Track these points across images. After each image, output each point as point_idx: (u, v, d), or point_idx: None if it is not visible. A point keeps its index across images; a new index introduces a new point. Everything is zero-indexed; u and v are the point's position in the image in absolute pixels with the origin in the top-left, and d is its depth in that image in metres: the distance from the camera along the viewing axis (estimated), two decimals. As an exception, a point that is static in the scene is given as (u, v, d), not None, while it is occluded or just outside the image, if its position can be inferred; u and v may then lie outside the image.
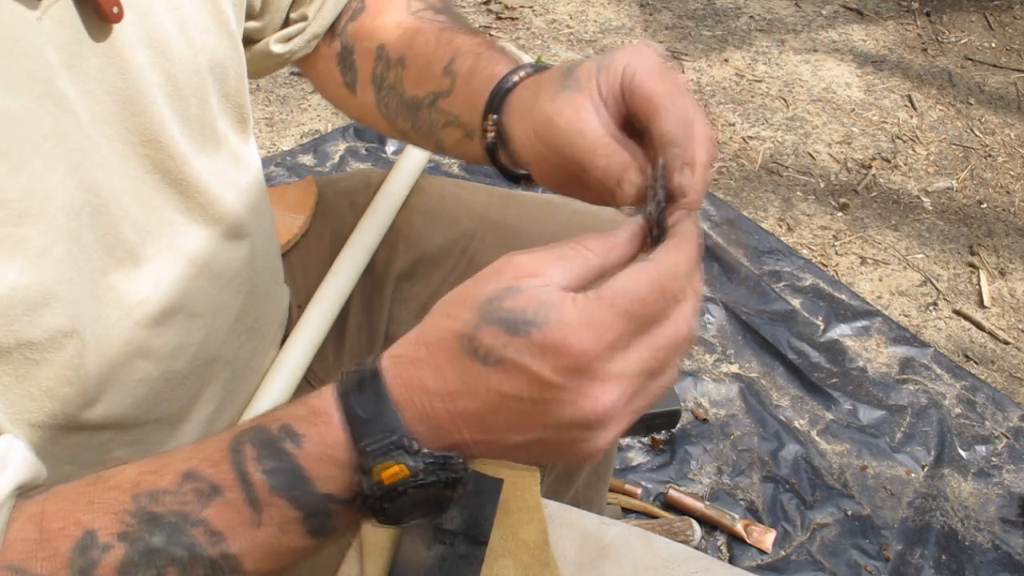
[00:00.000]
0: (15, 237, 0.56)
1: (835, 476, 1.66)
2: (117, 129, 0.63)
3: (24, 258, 0.56)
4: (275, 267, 0.84)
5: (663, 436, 1.68)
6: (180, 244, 0.70)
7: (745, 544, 1.54)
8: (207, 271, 0.73)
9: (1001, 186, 2.29)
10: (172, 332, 0.70)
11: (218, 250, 0.73)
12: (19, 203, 0.56)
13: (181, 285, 0.70)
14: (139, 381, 0.68)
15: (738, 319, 1.88)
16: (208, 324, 0.74)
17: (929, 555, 1.55)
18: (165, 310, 0.69)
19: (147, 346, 0.68)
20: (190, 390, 0.74)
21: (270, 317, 0.83)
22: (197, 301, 0.72)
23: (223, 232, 0.74)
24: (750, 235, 2.07)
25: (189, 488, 0.51)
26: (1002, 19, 2.83)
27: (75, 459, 0.65)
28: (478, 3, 2.70)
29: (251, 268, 0.79)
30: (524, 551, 0.69)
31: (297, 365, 0.83)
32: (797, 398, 1.78)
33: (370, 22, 0.85)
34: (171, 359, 0.70)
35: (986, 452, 1.72)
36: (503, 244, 0.96)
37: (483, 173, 2.13)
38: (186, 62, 0.67)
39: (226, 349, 0.76)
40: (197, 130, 0.70)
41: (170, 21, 0.66)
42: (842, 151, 2.35)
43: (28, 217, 0.56)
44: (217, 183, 0.73)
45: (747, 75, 2.55)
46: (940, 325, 1.95)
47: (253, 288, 0.80)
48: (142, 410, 0.69)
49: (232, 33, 0.74)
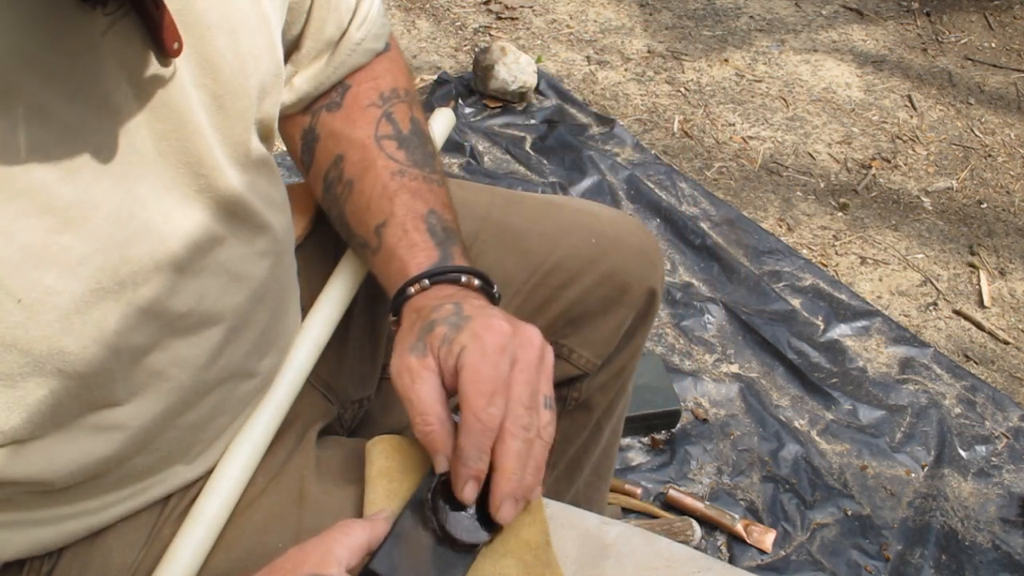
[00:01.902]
0: (58, 245, 0.57)
1: (835, 476, 1.66)
2: (168, 147, 0.64)
3: (64, 266, 0.57)
4: (295, 282, 0.85)
5: (663, 436, 1.68)
6: (224, 259, 0.71)
7: (745, 544, 1.54)
8: (244, 285, 0.73)
9: (1001, 186, 2.29)
10: (206, 344, 0.71)
11: (254, 264, 0.74)
12: (65, 212, 0.57)
13: (222, 299, 0.71)
14: (171, 390, 0.69)
15: (738, 319, 1.89)
16: (239, 336, 0.74)
17: (929, 555, 1.55)
18: (204, 321, 0.70)
19: (182, 356, 0.69)
20: (214, 400, 0.74)
21: (288, 331, 0.84)
22: (234, 314, 0.73)
23: (260, 247, 0.75)
24: (750, 235, 2.07)
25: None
26: (1002, 19, 2.83)
27: (88, 454, 0.65)
28: (478, 3, 2.70)
29: (278, 282, 0.80)
30: (526, 551, 0.69)
31: (302, 369, 0.83)
32: (797, 398, 1.78)
33: (339, 126, 0.86)
34: (203, 370, 0.71)
35: (986, 452, 1.72)
36: (505, 244, 0.97)
37: (484, 174, 2.13)
38: (236, 85, 0.68)
39: (250, 362, 0.77)
40: (241, 151, 0.71)
41: (226, 45, 0.67)
42: (842, 151, 2.35)
43: (72, 226, 0.57)
44: (255, 199, 0.74)
45: (747, 75, 2.55)
46: (940, 325, 1.95)
47: (278, 302, 0.81)
48: (169, 419, 0.70)
49: (279, 60, 0.75)
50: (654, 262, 1.01)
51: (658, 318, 1.88)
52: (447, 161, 2.17)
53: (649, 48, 2.61)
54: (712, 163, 2.29)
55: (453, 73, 2.42)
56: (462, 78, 2.39)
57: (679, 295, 1.93)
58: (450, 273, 0.77)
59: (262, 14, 0.71)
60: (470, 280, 0.77)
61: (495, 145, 2.23)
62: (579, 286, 0.97)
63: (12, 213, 0.54)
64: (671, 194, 2.15)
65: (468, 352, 0.66)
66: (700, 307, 1.91)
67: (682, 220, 2.07)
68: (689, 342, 1.85)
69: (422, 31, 2.58)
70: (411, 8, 2.66)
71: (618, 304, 0.99)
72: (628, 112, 2.41)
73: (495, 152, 2.22)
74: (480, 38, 2.58)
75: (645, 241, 1.01)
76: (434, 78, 2.39)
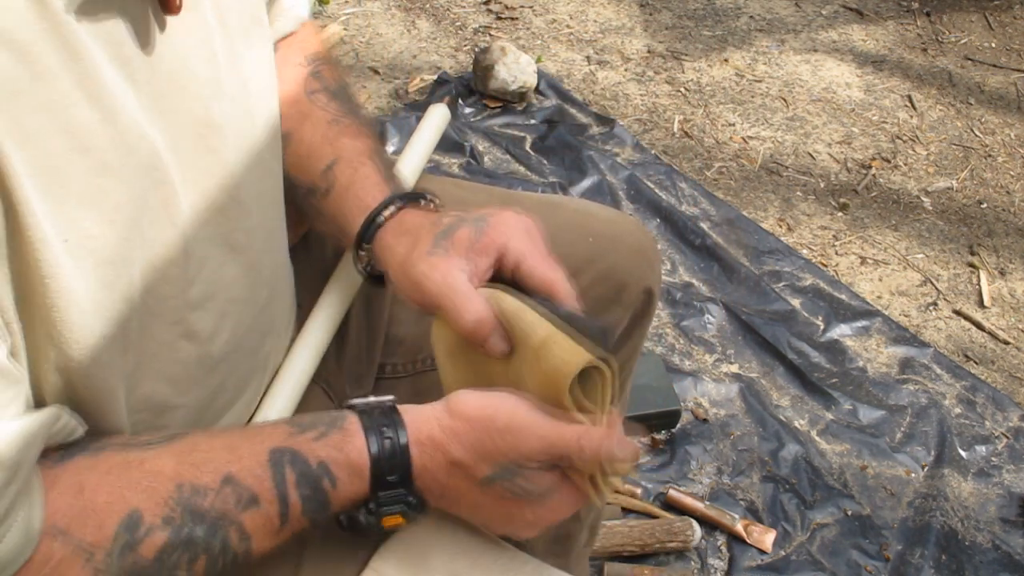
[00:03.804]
0: (96, 187, 0.58)
1: (835, 476, 1.66)
2: (178, 103, 0.65)
3: (99, 211, 0.58)
4: (288, 264, 0.86)
5: (663, 436, 1.68)
6: (226, 229, 0.71)
7: (745, 544, 1.54)
8: (244, 259, 0.74)
9: (1001, 186, 2.29)
10: (210, 316, 0.71)
11: (255, 238, 0.75)
12: (103, 153, 0.58)
13: (223, 270, 0.72)
14: (178, 361, 0.69)
15: (738, 319, 1.88)
16: (239, 312, 0.75)
17: (929, 555, 1.55)
18: (208, 293, 0.70)
19: (191, 327, 0.69)
20: (219, 377, 0.74)
21: (284, 315, 0.84)
22: (233, 287, 0.73)
23: (257, 220, 0.76)
24: (750, 235, 2.07)
25: (229, 491, 0.60)
26: (1002, 19, 2.83)
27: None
28: (478, 3, 2.70)
29: (276, 262, 0.81)
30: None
31: (304, 371, 0.84)
32: (797, 398, 1.78)
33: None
34: (208, 342, 0.71)
35: (986, 452, 1.71)
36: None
37: (483, 174, 2.13)
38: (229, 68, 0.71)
39: (249, 340, 0.77)
40: (247, 122, 0.73)
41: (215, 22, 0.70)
42: (842, 151, 2.35)
43: (110, 170, 0.58)
44: (259, 169, 0.75)
45: (747, 75, 2.55)
46: (940, 325, 1.95)
47: (276, 281, 0.81)
48: (176, 392, 0.70)
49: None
50: (651, 262, 1.01)
51: (658, 318, 1.88)
52: (447, 161, 2.17)
53: (649, 48, 2.61)
54: (712, 163, 2.29)
55: (453, 73, 2.42)
56: (462, 78, 2.39)
57: (679, 295, 1.93)
58: (418, 198, 0.81)
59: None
60: (433, 198, 0.82)
61: (495, 145, 2.23)
62: (576, 285, 0.96)
63: (60, 148, 0.55)
64: (671, 194, 2.15)
65: (519, 249, 0.72)
66: (700, 307, 1.91)
67: (682, 220, 2.07)
68: (689, 342, 1.85)
69: (422, 31, 2.58)
70: (411, 8, 2.66)
71: (615, 304, 0.99)
72: (628, 112, 2.41)
73: (495, 152, 2.22)
74: (480, 38, 2.58)
75: (643, 241, 1.01)
76: (434, 78, 2.39)
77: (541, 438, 0.64)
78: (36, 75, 0.54)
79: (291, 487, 0.62)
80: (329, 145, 0.84)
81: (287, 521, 0.62)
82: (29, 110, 0.53)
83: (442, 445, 0.65)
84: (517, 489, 0.65)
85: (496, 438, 0.64)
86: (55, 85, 0.55)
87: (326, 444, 0.63)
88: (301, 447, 0.63)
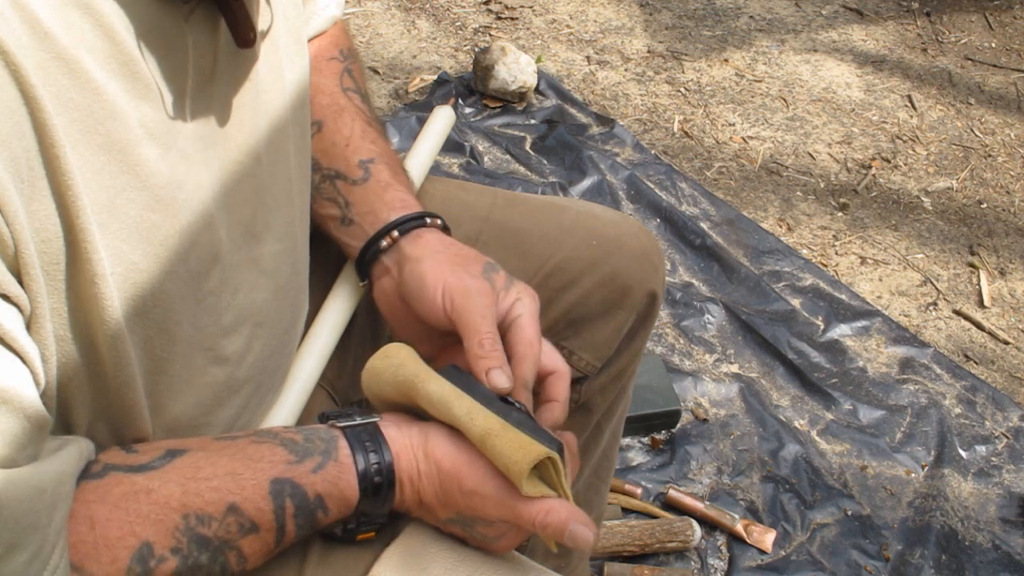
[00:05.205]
0: (149, 223, 0.59)
1: (835, 476, 1.66)
2: (225, 134, 0.67)
3: (149, 245, 0.59)
4: (307, 286, 0.86)
5: (663, 436, 1.68)
6: (257, 254, 0.72)
7: (745, 544, 1.54)
8: (272, 281, 0.75)
9: (1001, 186, 2.29)
10: (240, 339, 0.72)
11: (281, 261, 0.76)
12: (159, 190, 0.59)
13: (254, 294, 0.73)
14: (207, 385, 0.70)
15: (738, 319, 1.89)
16: (266, 334, 0.76)
17: (929, 555, 1.55)
18: (240, 317, 0.72)
19: (222, 352, 0.70)
20: (243, 398, 0.75)
21: (301, 334, 0.85)
22: (262, 311, 0.75)
23: (286, 244, 0.77)
24: (750, 235, 2.07)
25: (232, 521, 0.64)
26: (1002, 19, 2.84)
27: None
28: (478, 3, 2.70)
29: (299, 284, 0.82)
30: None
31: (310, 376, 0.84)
32: (797, 398, 1.78)
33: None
34: (236, 366, 0.73)
35: (986, 452, 1.72)
36: (506, 246, 0.97)
37: (484, 174, 2.14)
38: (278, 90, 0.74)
39: (273, 361, 0.79)
40: (281, 146, 0.74)
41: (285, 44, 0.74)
42: (842, 151, 2.35)
43: (162, 204, 0.60)
44: (290, 194, 0.76)
45: (747, 75, 2.55)
46: (940, 325, 1.95)
47: (299, 303, 0.82)
48: (201, 413, 0.71)
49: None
50: (655, 265, 1.01)
51: (658, 318, 1.88)
52: (447, 161, 2.17)
53: (649, 48, 2.61)
54: (712, 163, 2.29)
55: (453, 73, 2.42)
56: (462, 78, 2.39)
57: (679, 295, 1.93)
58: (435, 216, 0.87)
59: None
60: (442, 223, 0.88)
61: (495, 145, 2.23)
62: (580, 288, 0.97)
63: (120, 185, 0.57)
64: (671, 194, 2.15)
65: (525, 305, 0.78)
66: (700, 307, 1.91)
67: (682, 220, 2.07)
68: (689, 342, 1.86)
69: (422, 31, 2.58)
70: (411, 8, 2.66)
71: (619, 307, 0.99)
72: (628, 112, 2.41)
73: (495, 152, 2.22)
74: (480, 38, 2.58)
75: (646, 244, 1.01)
76: (434, 78, 2.39)
77: (505, 510, 0.67)
78: (109, 114, 0.55)
79: (289, 517, 0.66)
80: (371, 143, 0.88)
81: (280, 544, 0.67)
82: (97, 147, 0.55)
83: (416, 485, 0.70)
84: (475, 534, 0.71)
85: (459, 498, 0.68)
86: (124, 122, 0.56)
87: (323, 478, 0.67)
88: (301, 480, 0.66)
